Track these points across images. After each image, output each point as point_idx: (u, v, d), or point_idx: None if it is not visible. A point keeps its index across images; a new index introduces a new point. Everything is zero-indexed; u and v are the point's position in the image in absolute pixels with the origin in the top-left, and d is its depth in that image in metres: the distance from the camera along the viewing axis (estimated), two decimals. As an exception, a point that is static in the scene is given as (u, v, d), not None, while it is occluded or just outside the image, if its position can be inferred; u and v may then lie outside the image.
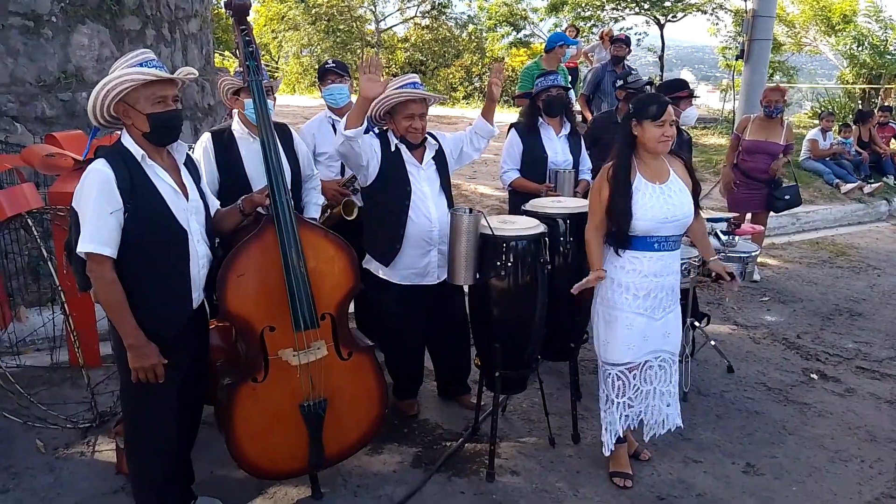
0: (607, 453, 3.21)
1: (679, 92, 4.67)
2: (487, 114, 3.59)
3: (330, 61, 4.26)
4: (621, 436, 3.20)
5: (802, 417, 3.93)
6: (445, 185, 3.54)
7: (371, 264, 3.56)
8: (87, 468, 3.25)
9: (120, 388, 2.70)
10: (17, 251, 4.30)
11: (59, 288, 3.71)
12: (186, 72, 2.52)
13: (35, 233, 3.70)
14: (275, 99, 3.61)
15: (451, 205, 3.49)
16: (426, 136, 3.48)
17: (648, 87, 4.99)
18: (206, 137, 3.47)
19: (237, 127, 3.47)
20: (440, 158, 3.54)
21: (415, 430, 3.66)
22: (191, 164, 2.69)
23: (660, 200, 2.96)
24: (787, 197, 5.96)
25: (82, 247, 2.36)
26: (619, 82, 5.17)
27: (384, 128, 3.50)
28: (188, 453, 2.92)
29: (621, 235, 2.97)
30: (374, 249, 3.54)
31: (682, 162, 3.16)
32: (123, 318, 2.42)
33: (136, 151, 2.45)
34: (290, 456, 2.88)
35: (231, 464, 2.89)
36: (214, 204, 2.84)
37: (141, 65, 2.41)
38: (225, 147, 3.42)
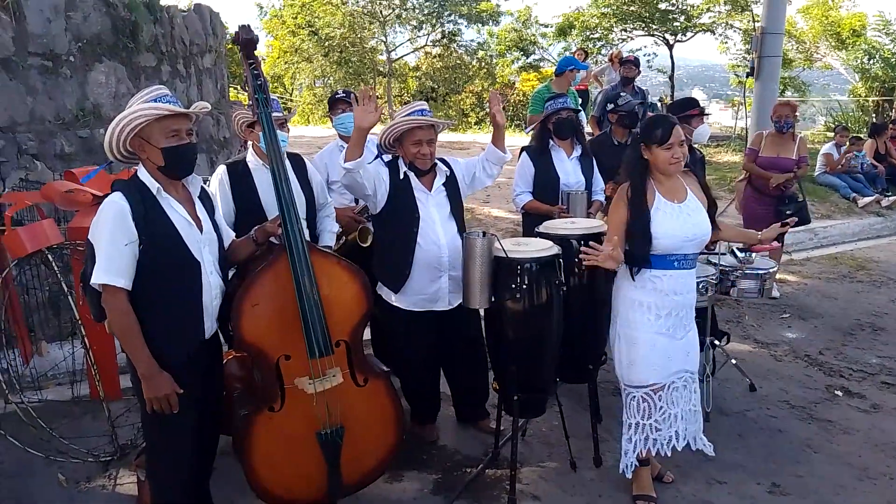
0: (629, 475, 3.17)
1: (690, 110, 4.69)
2: (497, 141, 3.60)
3: (340, 91, 4.34)
4: (643, 457, 3.15)
5: (827, 435, 3.86)
6: (456, 211, 3.53)
7: (383, 290, 3.57)
8: (109, 501, 3.27)
9: (141, 417, 2.72)
10: (37, 286, 4.35)
11: (80, 322, 3.75)
12: (200, 106, 2.58)
13: (55, 267, 3.75)
14: (288, 130, 3.66)
15: (461, 230, 3.49)
16: (437, 161, 3.50)
17: (640, 106, 5.02)
18: (221, 170, 3.52)
19: (251, 158, 3.52)
20: (451, 184, 3.54)
21: (434, 457, 3.64)
22: (205, 197, 2.74)
23: (679, 219, 2.96)
24: (788, 212, 5.89)
25: (97, 278, 2.41)
26: (610, 105, 5.16)
27: (395, 155, 3.53)
28: (207, 482, 2.92)
29: (640, 256, 2.96)
30: (384, 276, 3.55)
31: (696, 179, 3.16)
32: (137, 347, 2.47)
33: (152, 185, 2.50)
34: (309, 485, 2.87)
35: (251, 493, 2.89)
36: (229, 235, 2.87)
37: (156, 100, 2.47)
38: (240, 178, 3.47)
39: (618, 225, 3.00)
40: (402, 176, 3.43)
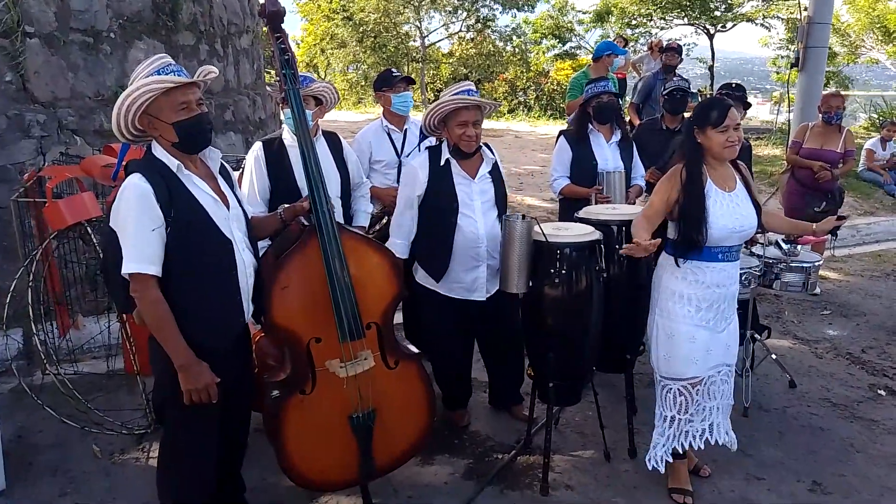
0: (662, 469, 3.09)
1: (726, 93, 4.52)
2: None
3: (395, 69, 4.31)
4: (680, 451, 3.08)
5: (871, 435, 3.74)
6: (499, 200, 3.45)
7: (420, 274, 3.53)
8: (142, 473, 3.28)
9: (155, 402, 2.62)
10: (75, 260, 4.39)
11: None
12: (206, 71, 2.40)
13: (94, 240, 3.77)
14: (324, 107, 3.57)
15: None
16: (483, 146, 3.42)
17: (681, 90, 4.89)
18: (257, 146, 3.49)
19: (287, 136, 3.48)
20: (496, 173, 3.46)
21: (465, 442, 3.60)
22: (225, 173, 2.60)
23: (730, 209, 2.86)
24: (817, 209, 5.68)
25: (127, 267, 2.26)
26: (664, 90, 5.06)
27: (439, 139, 3.47)
28: (238, 468, 2.88)
29: (694, 243, 2.83)
30: (425, 262, 3.50)
31: (745, 169, 3.05)
32: (172, 338, 2.32)
33: (171, 162, 2.35)
34: (340, 467, 2.84)
35: (282, 473, 2.87)
36: (249, 211, 2.81)
37: (158, 72, 2.30)
38: (276, 155, 3.44)
39: (658, 207, 2.88)
40: (442, 162, 3.35)
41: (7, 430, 3.54)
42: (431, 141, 3.51)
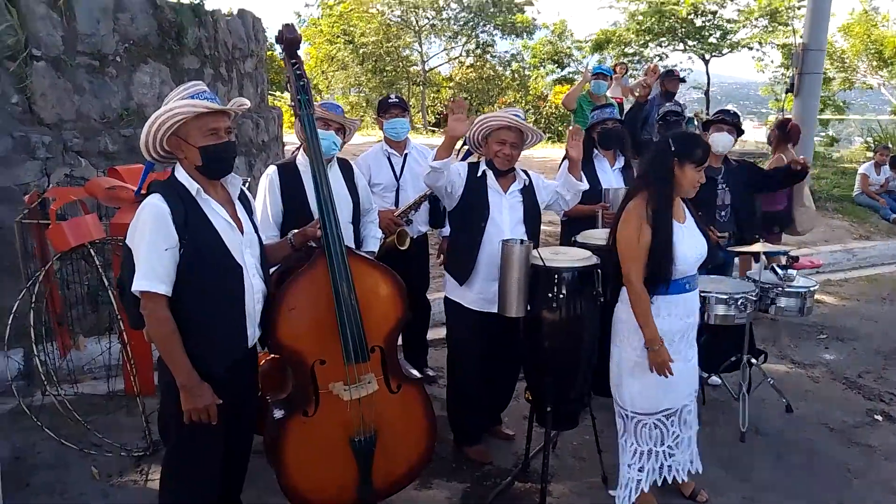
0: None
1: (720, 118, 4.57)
2: (573, 170, 3.61)
3: (393, 96, 4.36)
4: (668, 482, 3.07)
5: (868, 460, 3.76)
6: (528, 219, 3.52)
7: (448, 286, 3.60)
8: (140, 496, 3.28)
9: (160, 422, 2.64)
10: (77, 280, 4.42)
11: (118, 317, 3.80)
12: (239, 103, 2.49)
13: (96, 262, 3.80)
14: (345, 136, 3.65)
15: (533, 239, 3.46)
16: (518, 170, 3.54)
17: (675, 113, 4.95)
18: (272, 170, 3.52)
19: (302, 160, 3.52)
20: (528, 193, 3.55)
21: (463, 466, 3.61)
22: (244, 198, 2.66)
23: (688, 240, 2.88)
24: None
25: (137, 285, 2.31)
26: (660, 114, 5.14)
27: (479, 155, 3.59)
28: (239, 488, 2.88)
29: (663, 279, 2.83)
30: (452, 266, 3.59)
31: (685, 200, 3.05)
32: (176, 357, 2.36)
33: (191, 185, 2.41)
34: (340, 490, 2.84)
35: (282, 494, 2.88)
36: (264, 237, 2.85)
37: (193, 97, 2.38)
38: (290, 179, 3.47)
39: (641, 246, 2.80)
40: (479, 174, 3.48)
41: (5, 450, 3.55)
42: (471, 159, 3.61)
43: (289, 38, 2.80)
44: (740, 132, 4.50)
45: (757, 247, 4.06)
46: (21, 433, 3.76)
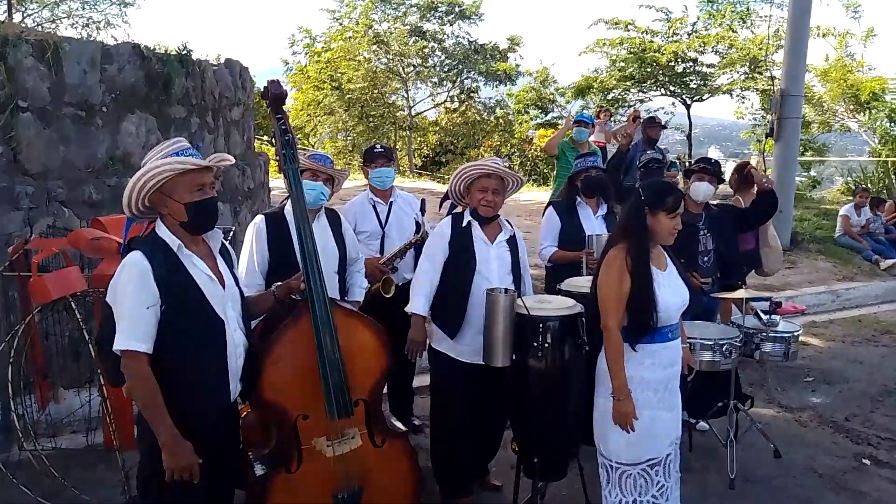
0: None
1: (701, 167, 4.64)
2: None
3: (378, 146, 4.41)
4: None
5: (858, 507, 3.74)
6: (515, 270, 3.55)
7: (435, 338, 3.58)
8: (118, 555, 3.19)
9: (139, 480, 2.57)
10: (57, 332, 4.37)
11: (98, 369, 3.74)
12: (219, 158, 2.49)
13: (77, 315, 3.76)
14: (333, 186, 3.65)
15: (517, 289, 3.47)
16: (503, 221, 3.57)
17: (661, 163, 5.00)
18: (259, 219, 3.53)
19: (290, 209, 3.52)
20: (513, 245, 3.58)
21: (450, 518, 3.55)
22: (225, 252, 2.65)
23: (670, 287, 2.87)
24: None
25: (119, 344, 2.30)
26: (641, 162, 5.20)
27: (463, 206, 3.61)
28: None
29: (647, 328, 2.82)
30: (440, 319, 3.56)
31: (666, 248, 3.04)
32: (158, 415, 2.33)
33: (173, 242, 2.40)
34: (324, 546, 2.78)
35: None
36: (245, 288, 2.81)
37: (177, 153, 2.39)
38: (278, 229, 3.47)
39: (618, 299, 2.81)
40: (464, 224, 3.50)
41: (-20, 509, 3.46)
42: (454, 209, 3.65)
43: (274, 94, 2.84)
44: (721, 181, 4.57)
45: (740, 293, 4.09)
46: (-4, 490, 3.67)
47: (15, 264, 3.97)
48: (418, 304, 3.51)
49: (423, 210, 4.35)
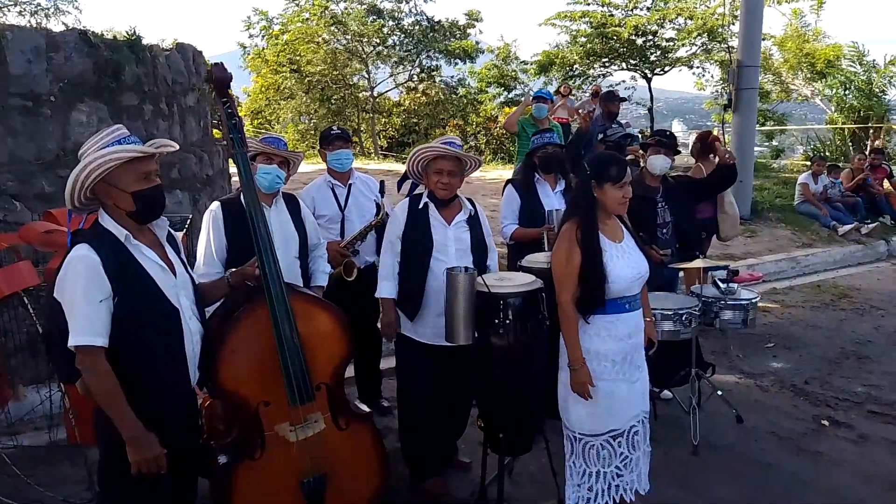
0: None
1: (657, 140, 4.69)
2: None
3: (335, 128, 4.35)
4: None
5: (817, 467, 3.84)
6: (475, 248, 3.54)
7: (398, 324, 3.58)
8: (85, 551, 3.16)
9: (100, 477, 2.54)
10: (14, 329, 4.27)
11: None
12: (161, 143, 2.42)
13: (31, 310, 3.68)
14: (289, 169, 3.61)
15: (479, 267, 3.45)
16: (463, 199, 3.56)
17: (627, 140, 5.04)
18: (215, 206, 3.46)
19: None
20: (474, 223, 3.57)
21: (420, 498, 3.57)
22: (171, 239, 2.59)
23: (624, 259, 2.89)
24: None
25: (74, 340, 2.24)
26: (600, 136, 5.23)
27: (421, 185, 3.60)
28: None
29: (597, 300, 2.84)
30: (400, 303, 3.56)
31: (625, 220, 3.07)
32: (120, 410, 2.29)
33: (119, 232, 2.34)
34: (292, 533, 2.78)
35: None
36: (200, 275, 2.78)
37: (119, 142, 2.33)
38: (234, 215, 3.40)
39: (568, 271, 2.84)
40: (421, 205, 3.49)
41: (-60, 511, 3.39)
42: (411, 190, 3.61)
43: (218, 77, 2.80)
44: (677, 152, 4.62)
45: (698, 263, 4.15)
46: (-44, 492, 3.60)
47: (-35, 261, 3.87)
48: (384, 288, 3.52)
49: (382, 192, 4.31)
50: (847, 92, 16.92)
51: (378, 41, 21.26)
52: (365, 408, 3.08)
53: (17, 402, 4.31)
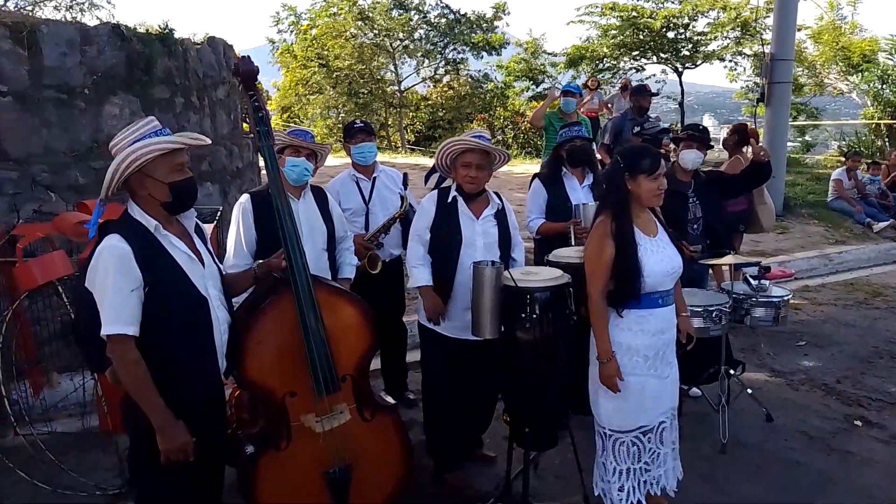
0: None
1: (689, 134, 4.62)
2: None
3: (358, 121, 4.36)
4: (643, 501, 3.04)
5: (847, 466, 3.78)
6: (503, 243, 3.53)
7: (422, 313, 3.57)
8: (115, 536, 3.22)
9: (130, 464, 2.60)
10: (49, 317, 4.36)
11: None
12: (193, 136, 2.46)
13: (66, 299, 3.75)
14: (316, 162, 3.63)
15: (505, 262, 3.45)
16: (489, 192, 3.55)
17: (664, 133, 4.97)
18: (245, 198, 3.50)
19: None
20: (501, 217, 3.56)
21: (442, 492, 3.57)
22: (199, 231, 2.63)
23: (658, 254, 2.86)
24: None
25: (106, 329, 2.27)
26: (637, 129, 5.17)
27: (449, 178, 3.60)
28: None
29: (629, 294, 2.82)
30: None
31: (658, 214, 3.04)
32: (150, 398, 2.32)
33: (149, 222, 2.38)
34: (316, 523, 2.80)
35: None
36: (227, 266, 2.80)
37: (154, 133, 2.37)
38: (263, 207, 3.43)
39: (601, 263, 2.82)
40: (449, 199, 3.49)
41: (-24, 495, 3.48)
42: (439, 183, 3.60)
43: (245, 71, 2.80)
44: (709, 147, 4.55)
45: (728, 259, 4.09)
46: (-8, 476, 3.69)
47: (1, 251, 3.95)
48: (420, 276, 3.50)
49: (405, 184, 4.31)
50: (884, 86, 16.53)
51: (404, 35, 21.25)
52: (390, 400, 3.08)
53: (51, 390, 4.41)
